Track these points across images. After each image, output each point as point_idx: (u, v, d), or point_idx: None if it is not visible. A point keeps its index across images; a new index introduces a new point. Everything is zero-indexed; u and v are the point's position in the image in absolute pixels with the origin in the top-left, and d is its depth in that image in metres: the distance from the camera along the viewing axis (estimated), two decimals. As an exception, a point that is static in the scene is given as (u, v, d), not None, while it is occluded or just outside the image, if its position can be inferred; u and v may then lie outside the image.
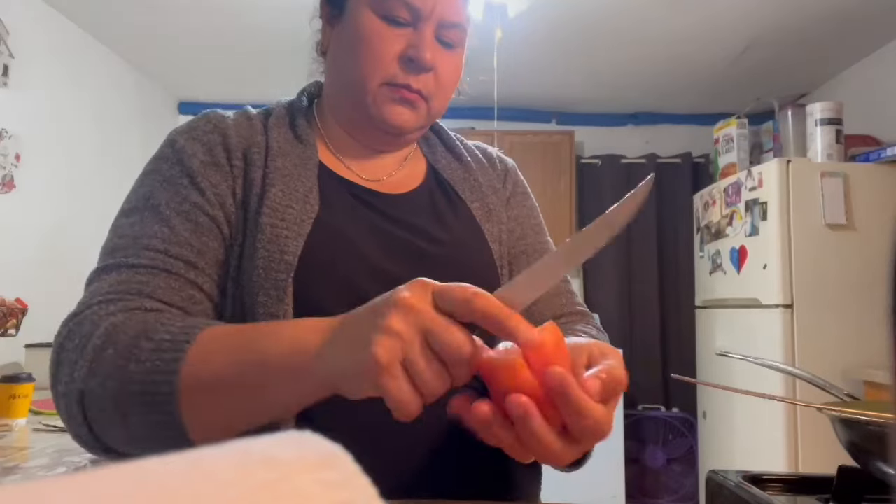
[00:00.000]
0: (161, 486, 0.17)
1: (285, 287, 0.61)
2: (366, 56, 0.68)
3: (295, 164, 0.69)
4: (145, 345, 0.51)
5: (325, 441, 0.23)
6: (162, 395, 0.49)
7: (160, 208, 0.62)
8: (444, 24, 0.69)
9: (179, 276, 0.60)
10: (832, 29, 2.64)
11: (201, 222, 0.63)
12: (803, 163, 2.39)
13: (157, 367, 0.50)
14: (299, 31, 2.33)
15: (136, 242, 0.60)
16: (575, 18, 2.60)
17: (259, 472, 0.19)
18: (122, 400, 0.51)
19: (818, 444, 2.19)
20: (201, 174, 0.65)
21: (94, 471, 0.18)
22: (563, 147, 3.48)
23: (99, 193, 2.87)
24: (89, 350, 0.53)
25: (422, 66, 0.68)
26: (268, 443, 0.22)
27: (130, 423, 0.51)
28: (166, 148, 0.68)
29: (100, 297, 0.57)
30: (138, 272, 0.58)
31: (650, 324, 3.56)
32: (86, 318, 0.55)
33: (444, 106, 0.75)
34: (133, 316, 0.55)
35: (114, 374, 0.51)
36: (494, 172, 0.85)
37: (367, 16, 0.68)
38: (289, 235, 0.63)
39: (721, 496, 0.65)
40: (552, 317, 0.78)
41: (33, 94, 2.45)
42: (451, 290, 0.44)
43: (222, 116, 0.72)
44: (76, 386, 0.52)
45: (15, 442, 1.35)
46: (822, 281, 2.31)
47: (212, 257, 0.63)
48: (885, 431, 0.55)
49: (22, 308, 2.08)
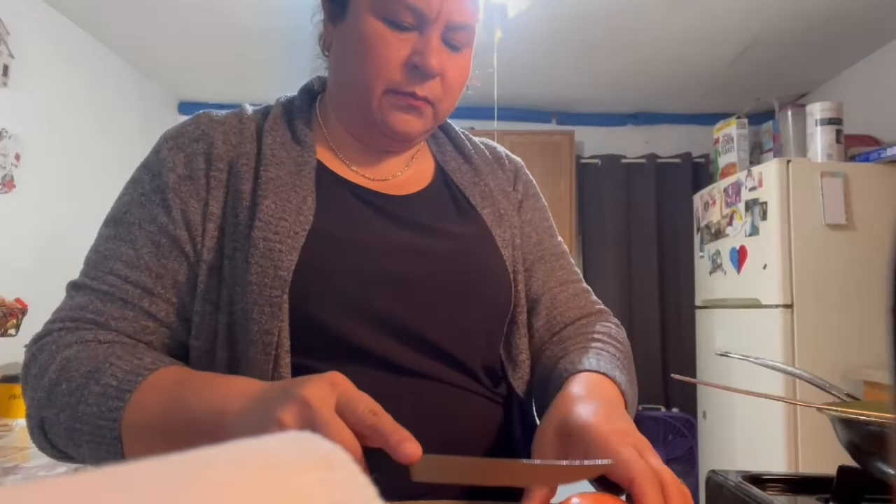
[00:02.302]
0: (161, 487, 0.17)
1: (280, 304, 0.60)
2: (369, 62, 0.65)
3: (290, 172, 0.67)
4: (94, 388, 0.55)
5: (325, 441, 0.23)
6: (107, 438, 0.54)
7: (132, 227, 0.65)
8: (452, 27, 0.66)
9: (134, 306, 0.63)
10: (832, 29, 2.64)
11: (163, 244, 0.64)
12: (803, 163, 2.39)
13: (101, 412, 0.54)
14: (300, 30, 2.34)
15: (104, 263, 0.64)
16: (575, 18, 2.60)
17: (259, 473, 0.19)
18: (72, 434, 0.56)
19: (818, 444, 2.19)
20: (174, 190, 0.65)
21: (94, 471, 0.18)
22: (563, 147, 3.48)
23: (99, 193, 2.87)
24: (45, 382, 0.58)
25: (427, 74, 0.65)
26: (268, 443, 0.22)
27: (81, 453, 0.57)
28: (153, 155, 0.69)
29: (59, 324, 0.62)
30: (99, 297, 0.62)
31: (650, 324, 3.56)
32: (45, 346, 0.60)
33: (451, 107, 0.72)
34: (85, 349, 0.59)
35: (66, 409, 0.56)
36: (504, 174, 0.83)
37: (370, 18, 0.65)
38: (282, 249, 0.62)
39: (721, 496, 0.65)
40: (575, 318, 0.77)
41: (33, 94, 2.45)
42: (354, 402, 0.45)
43: (212, 120, 0.69)
44: (37, 412, 0.58)
45: (15, 442, 1.35)
46: (822, 281, 2.31)
47: (170, 280, 0.64)
48: (885, 431, 0.55)
49: (22, 308, 2.08)
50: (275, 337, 0.60)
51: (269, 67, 3.16)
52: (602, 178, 3.67)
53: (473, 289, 0.70)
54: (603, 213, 3.64)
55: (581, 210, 3.64)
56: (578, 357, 0.66)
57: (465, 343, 0.69)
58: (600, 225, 3.64)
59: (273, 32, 2.75)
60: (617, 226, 3.62)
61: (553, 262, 0.81)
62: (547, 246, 0.81)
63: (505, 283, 0.73)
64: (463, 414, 0.68)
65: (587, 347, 0.69)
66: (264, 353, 0.61)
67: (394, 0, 0.63)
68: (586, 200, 3.68)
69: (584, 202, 3.68)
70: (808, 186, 2.34)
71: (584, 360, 0.65)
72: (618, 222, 3.62)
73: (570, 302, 0.78)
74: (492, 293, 0.72)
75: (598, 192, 3.67)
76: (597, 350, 0.68)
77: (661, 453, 3.26)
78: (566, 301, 0.78)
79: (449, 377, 0.67)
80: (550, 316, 0.77)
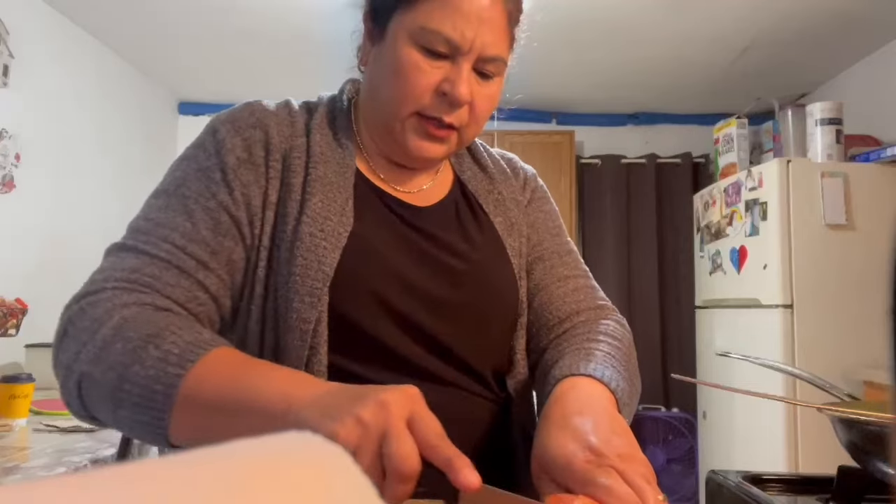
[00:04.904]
0: (161, 487, 0.17)
1: (320, 295, 0.63)
2: (401, 85, 0.67)
3: (335, 172, 0.70)
4: (153, 352, 0.54)
5: (325, 441, 0.23)
6: (157, 403, 0.53)
7: (188, 200, 0.65)
8: (484, 58, 0.67)
9: (189, 276, 0.62)
10: (832, 29, 2.64)
11: (223, 222, 0.65)
12: (803, 163, 2.39)
13: (158, 377, 0.53)
14: (300, 31, 2.35)
15: (158, 230, 0.63)
16: (575, 18, 2.60)
17: (259, 472, 0.19)
18: (117, 394, 0.54)
19: (818, 444, 2.19)
20: (234, 171, 0.66)
21: (94, 471, 0.18)
22: (563, 147, 3.48)
23: (99, 193, 2.87)
24: (99, 338, 0.56)
25: (456, 102, 0.66)
26: (268, 443, 0.22)
27: (118, 415, 0.55)
28: (207, 136, 0.69)
29: (114, 283, 0.60)
30: (154, 263, 0.61)
31: (650, 324, 3.56)
32: (99, 301, 0.58)
33: (477, 133, 0.74)
34: (143, 312, 0.58)
35: (117, 367, 0.54)
36: (517, 183, 0.85)
37: (407, 45, 0.66)
38: (326, 247, 0.65)
39: (721, 496, 0.65)
40: (571, 312, 0.78)
41: (33, 94, 2.45)
42: (426, 421, 0.46)
43: (265, 110, 0.71)
44: (79, 367, 0.56)
45: (15, 442, 1.35)
46: (822, 281, 2.31)
47: (224, 257, 0.65)
48: (885, 431, 0.55)
49: (22, 308, 2.08)
50: (311, 325, 0.63)
51: (269, 68, 3.16)
52: (602, 178, 3.67)
53: (490, 304, 0.74)
54: (603, 213, 3.64)
55: (581, 210, 3.64)
56: (569, 362, 0.66)
57: (482, 353, 0.73)
58: (600, 225, 3.64)
59: (273, 33, 2.75)
60: (617, 226, 3.62)
61: (554, 260, 0.81)
62: (547, 245, 0.82)
63: (513, 295, 0.76)
64: (471, 418, 0.71)
65: (580, 348, 0.69)
66: (301, 341, 0.63)
67: (431, 31, 0.65)
68: (586, 200, 3.68)
69: (584, 202, 3.68)
70: (809, 186, 2.34)
71: (574, 364, 0.65)
72: (618, 222, 3.62)
73: (567, 297, 0.79)
74: (504, 308, 0.76)
75: (598, 192, 3.67)
76: (588, 351, 0.68)
77: (661, 453, 3.27)
78: (563, 296, 0.79)
79: (465, 384, 0.71)
80: (545, 311, 0.78)
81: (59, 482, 0.17)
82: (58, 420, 1.55)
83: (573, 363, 0.65)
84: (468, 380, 0.71)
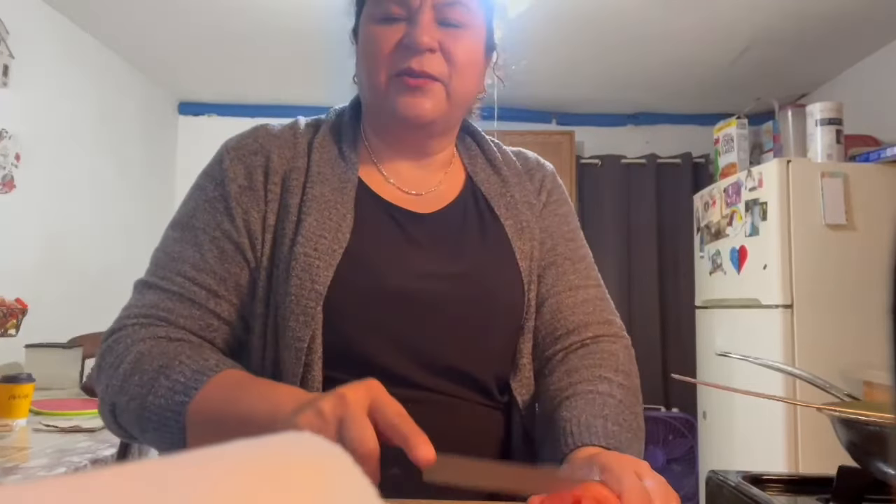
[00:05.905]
0: (162, 487, 0.17)
1: (313, 314, 0.66)
2: (371, 58, 0.70)
3: (333, 189, 0.71)
4: (164, 382, 0.61)
5: (325, 441, 0.23)
6: (172, 427, 0.60)
7: (197, 232, 0.70)
8: (443, 4, 0.69)
9: (200, 306, 0.68)
10: (832, 29, 2.64)
11: (227, 249, 0.69)
12: (803, 163, 2.39)
13: (169, 405, 0.60)
14: (300, 32, 2.36)
15: (172, 264, 0.69)
16: (575, 18, 2.60)
17: (259, 472, 0.19)
18: (141, 421, 0.62)
19: (818, 444, 2.19)
20: (236, 199, 0.70)
21: (94, 471, 0.18)
22: (563, 147, 3.48)
23: (99, 193, 2.87)
24: (121, 372, 0.63)
25: (413, 45, 0.68)
26: (268, 443, 0.22)
27: (146, 437, 0.63)
28: (215, 165, 0.74)
29: (134, 319, 0.67)
30: (168, 297, 0.68)
31: (650, 324, 3.56)
32: (121, 339, 0.66)
33: (466, 89, 0.73)
34: (158, 345, 0.64)
35: (137, 398, 0.61)
36: (532, 185, 0.84)
37: (368, 26, 0.71)
38: (320, 265, 0.66)
39: (721, 496, 0.65)
40: (580, 324, 0.76)
41: (33, 94, 2.45)
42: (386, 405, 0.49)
43: (269, 134, 0.74)
44: (109, 398, 0.64)
45: (15, 442, 1.35)
46: (822, 281, 2.31)
47: (233, 283, 0.69)
48: (885, 431, 0.55)
49: (22, 308, 2.08)
50: (305, 344, 0.65)
51: (270, 68, 3.16)
52: (602, 178, 3.67)
53: (492, 312, 0.74)
54: (603, 214, 3.64)
55: (581, 210, 3.64)
56: (578, 424, 0.64)
57: (483, 363, 0.73)
58: (600, 225, 3.63)
59: (273, 33, 2.75)
60: (617, 226, 3.62)
61: (566, 267, 0.80)
62: (561, 251, 0.81)
63: (516, 299, 0.75)
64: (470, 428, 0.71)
65: (588, 402, 0.66)
66: (296, 359, 0.66)
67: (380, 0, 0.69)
68: (586, 200, 3.68)
69: (584, 202, 3.68)
70: (809, 187, 2.33)
71: (585, 430, 0.63)
72: (618, 222, 3.62)
73: (576, 308, 0.78)
74: (506, 312, 0.75)
75: (598, 193, 3.67)
76: (602, 405, 0.66)
77: (661, 453, 3.27)
78: (572, 307, 0.78)
79: (462, 393, 0.71)
80: (554, 320, 0.77)
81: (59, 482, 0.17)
82: (58, 420, 1.55)
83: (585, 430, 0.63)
84: (467, 391, 0.71)
